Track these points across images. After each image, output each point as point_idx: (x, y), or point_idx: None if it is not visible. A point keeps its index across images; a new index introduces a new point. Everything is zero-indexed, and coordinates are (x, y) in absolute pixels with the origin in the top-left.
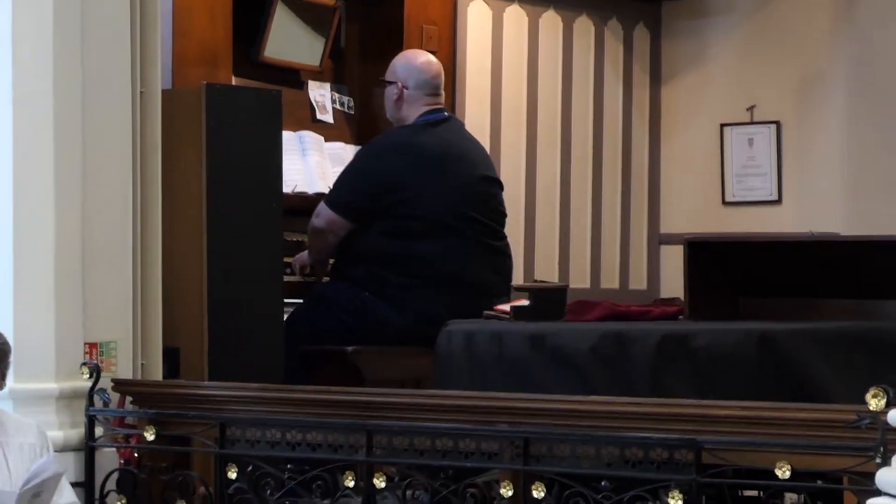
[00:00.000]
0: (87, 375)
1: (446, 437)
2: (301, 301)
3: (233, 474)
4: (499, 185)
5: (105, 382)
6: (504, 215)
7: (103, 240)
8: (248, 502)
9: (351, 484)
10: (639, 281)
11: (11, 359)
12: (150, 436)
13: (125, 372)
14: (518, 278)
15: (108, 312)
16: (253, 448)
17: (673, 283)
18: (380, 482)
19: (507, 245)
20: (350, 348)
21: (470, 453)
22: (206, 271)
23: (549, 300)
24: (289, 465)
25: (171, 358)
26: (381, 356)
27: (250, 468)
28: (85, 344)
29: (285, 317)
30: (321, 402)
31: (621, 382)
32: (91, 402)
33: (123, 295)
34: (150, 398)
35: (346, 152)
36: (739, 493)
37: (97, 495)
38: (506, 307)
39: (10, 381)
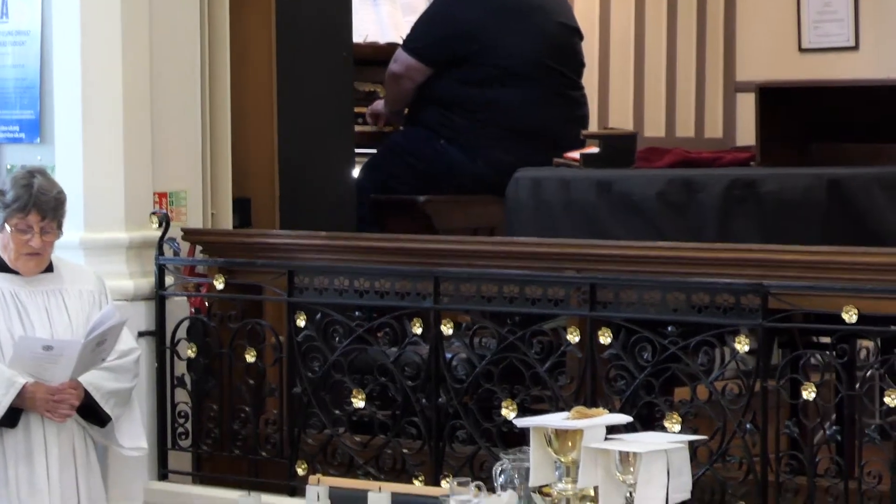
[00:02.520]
0: (157, 225)
1: (513, 284)
2: (374, 150)
3: (301, 322)
4: (578, 35)
5: (175, 232)
6: (582, 65)
7: (172, 89)
8: (317, 350)
9: (419, 331)
10: (714, 129)
11: (66, 208)
12: (219, 284)
13: (195, 222)
14: (593, 128)
15: (177, 162)
16: (321, 296)
17: (749, 132)
18: (447, 329)
19: (583, 95)
20: (422, 197)
21: (537, 300)
22: (277, 121)
23: (619, 147)
24: (357, 313)
25: (242, 208)
26: (453, 205)
27: (319, 316)
28: (154, 194)
29: (357, 166)
30: (389, 249)
31: (688, 228)
32: (161, 252)
33: (193, 144)
34: (219, 247)
35: (417, 1)
36: (815, 339)
37: (168, 344)
38: (575, 154)
39: (79, 231)
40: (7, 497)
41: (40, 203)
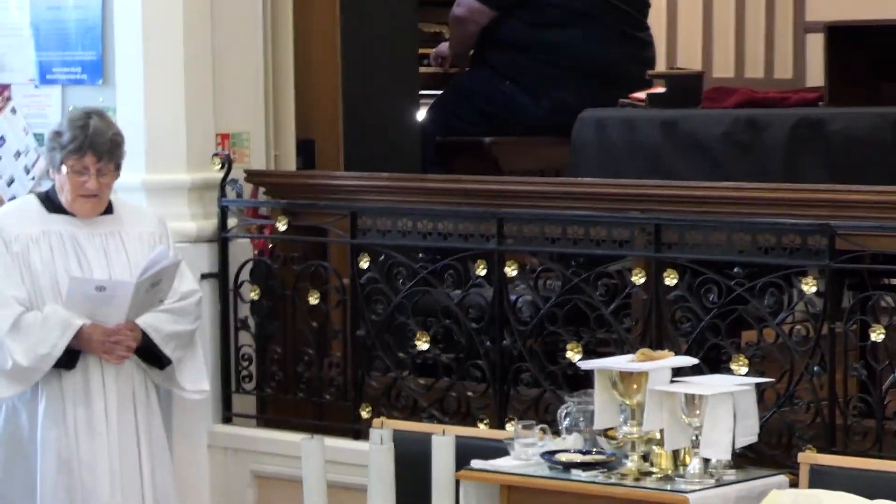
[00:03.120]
0: (219, 166)
1: (577, 225)
2: (439, 92)
3: (365, 264)
4: None
5: (238, 174)
6: (647, 4)
7: (233, 29)
8: (381, 292)
9: (483, 273)
10: (784, 70)
11: (125, 149)
12: (282, 226)
13: (258, 163)
14: (660, 68)
15: (239, 103)
16: (384, 238)
17: (818, 73)
18: (511, 271)
19: (649, 35)
20: (487, 139)
21: (601, 241)
22: (341, 62)
23: (685, 87)
24: (420, 255)
25: (306, 150)
26: (518, 146)
27: (382, 257)
28: (217, 135)
29: (423, 108)
30: (452, 191)
31: (754, 168)
32: (223, 193)
33: (255, 85)
34: (282, 189)
35: None
36: (884, 281)
37: (231, 286)
38: (641, 95)
39: (141, 172)
40: (66, 438)
41: (96, 144)
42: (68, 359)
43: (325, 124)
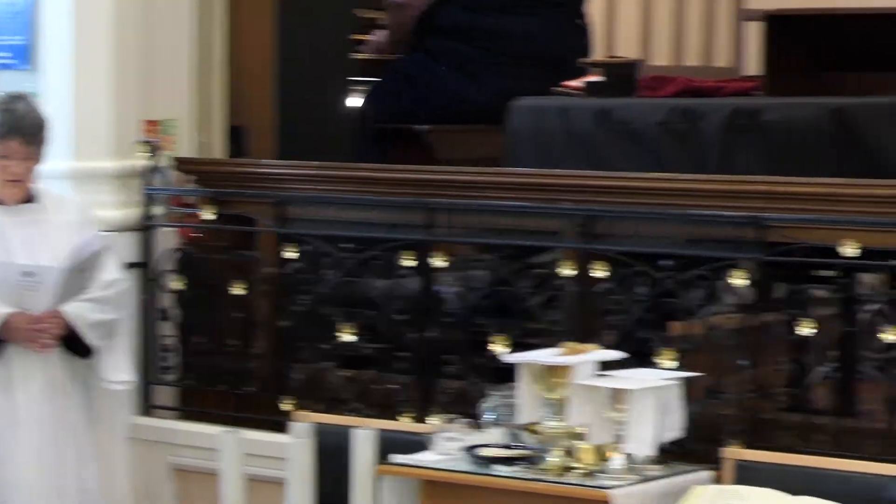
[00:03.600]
0: (145, 154)
1: (508, 216)
2: (377, 79)
3: (291, 254)
4: None
5: (165, 161)
6: None
7: (165, 15)
8: (307, 282)
9: (410, 263)
10: (722, 58)
11: (49, 134)
12: (209, 215)
13: (187, 150)
14: (600, 56)
15: (168, 89)
16: (312, 227)
17: (758, 62)
18: (440, 262)
19: (586, 25)
20: (424, 127)
21: (531, 232)
22: (275, 48)
23: (621, 75)
24: (348, 245)
25: (237, 137)
26: (456, 134)
27: (310, 248)
28: (145, 122)
29: (359, 95)
30: (382, 180)
31: (690, 158)
32: (149, 181)
33: (185, 72)
34: (210, 177)
35: None
36: (816, 274)
37: (154, 275)
38: (577, 83)
39: (67, 160)
40: None
41: (22, 128)
42: None
43: (257, 111)
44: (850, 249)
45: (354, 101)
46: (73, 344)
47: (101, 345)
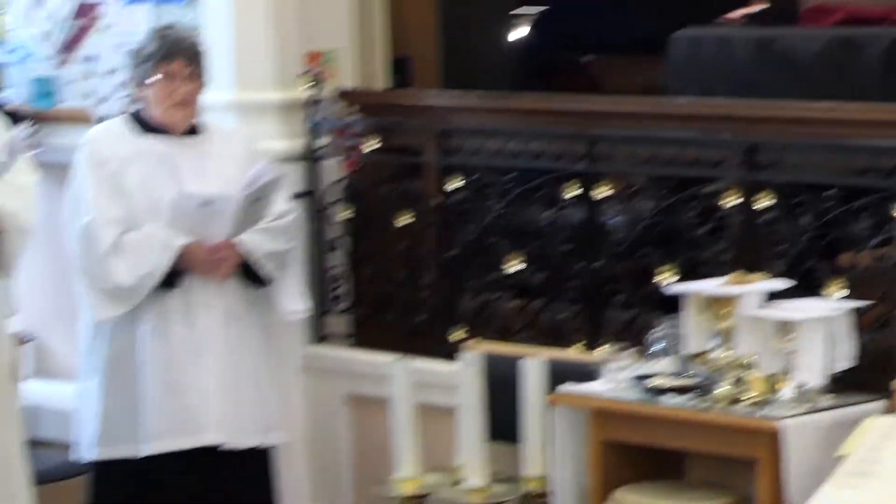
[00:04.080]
0: (309, 85)
1: (671, 146)
2: (542, 8)
3: (455, 184)
4: None
5: (329, 92)
6: None
7: None
8: (471, 212)
9: (574, 194)
10: None
11: (207, 60)
12: (373, 146)
13: (350, 81)
14: None
15: (330, 20)
16: (474, 158)
17: None
18: (603, 192)
19: None
20: (587, 57)
21: (693, 162)
22: None
23: (784, 4)
24: (511, 174)
25: (402, 68)
26: (619, 65)
27: (473, 177)
28: (307, 53)
29: (524, 24)
30: (544, 110)
31: (850, 88)
32: (313, 112)
33: (345, 2)
34: (374, 108)
35: None
36: None
37: (321, 206)
38: (739, 13)
39: (230, 92)
40: (169, 357)
41: (183, 49)
42: (170, 278)
43: (421, 42)
44: None
45: (519, 31)
46: (249, 273)
47: (276, 275)
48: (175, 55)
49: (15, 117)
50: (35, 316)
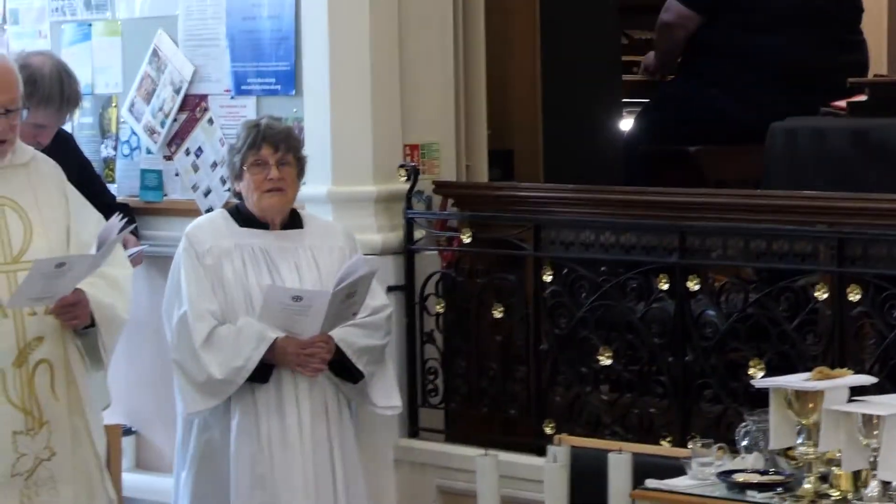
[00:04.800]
0: (405, 178)
1: (760, 239)
2: (644, 100)
3: (548, 277)
4: None
5: (427, 185)
6: (860, 10)
7: (422, 37)
8: (564, 305)
9: (665, 287)
10: None
11: (300, 145)
12: (466, 238)
13: (449, 174)
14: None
15: (429, 113)
16: (567, 250)
17: None
18: (694, 285)
19: (862, 41)
20: (693, 148)
21: (784, 255)
22: (540, 71)
23: (885, 95)
24: (602, 268)
25: (504, 160)
26: (724, 155)
27: (565, 271)
28: (405, 146)
29: (628, 117)
30: (637, 202)
31: None
32: (409, 205)
33: (445, 96)
34: (469, 200)
35: None
36: None
37: (417, 298)
38: (842, 103)
39: (327, 184)
40: (259, 452)
41: (270, 135)
42: (262, 372)
43: (524, 134)
44: None
45: (625, 123)
46: (342, 369)
47: (370, 370)
48: (263, 142)
49: (124, 210)
50: (136, 408)
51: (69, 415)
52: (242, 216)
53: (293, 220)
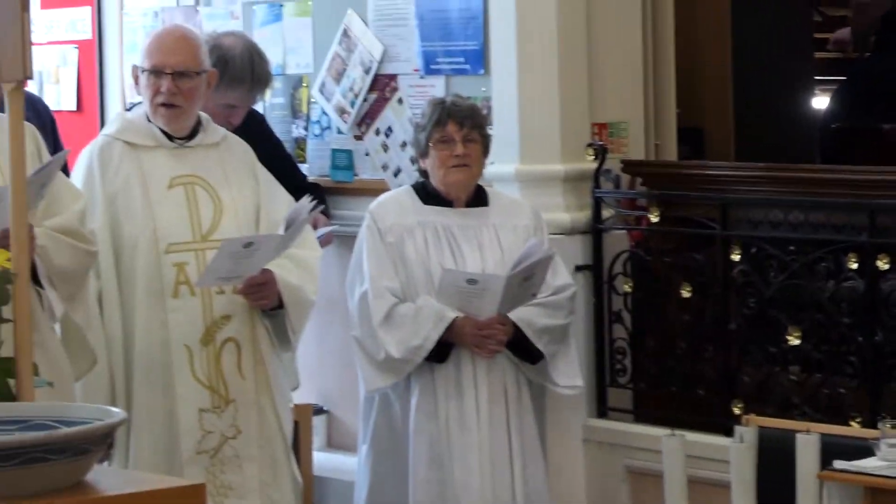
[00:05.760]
0: (593, 157)
1: None
2: (837, 78)
3: (736, 256)
4: None
5: (615, 163)
6: None
7: (611, 15)
8: (752, 285)
9: (854, 266)
10: None
11: (484, 122)
12: (654, 217)
13: (637, 153)
14: None
15: (617, 92)
16: (755, 229)
17: None
18: (884, 264)
19: None
20: (887, 125)
21: None
22: (731, 47)
23: None
24: (791, 247)
25: (694, 139)
26: None
27: (754, 250)
28: (593, 125)
29: (820, 95)
30: (827, 181)
31: None
32: (597, 184)
33: (634, 74)
34: (658, 179)
35: None
36: None
37: (605, 278)
38: None
39: (514, 163)
40: (438, 432)
41: (455, 112)
42: (440, 352)
43: (713, 112)
44: None
45: (817, 101)
46: (522, 349)
47: (551, 350)
48: (449, 118)
49: (314, 191)
50: (327, 388)
51: (256, 393)
52: (427, 193)
53: (478, 198)
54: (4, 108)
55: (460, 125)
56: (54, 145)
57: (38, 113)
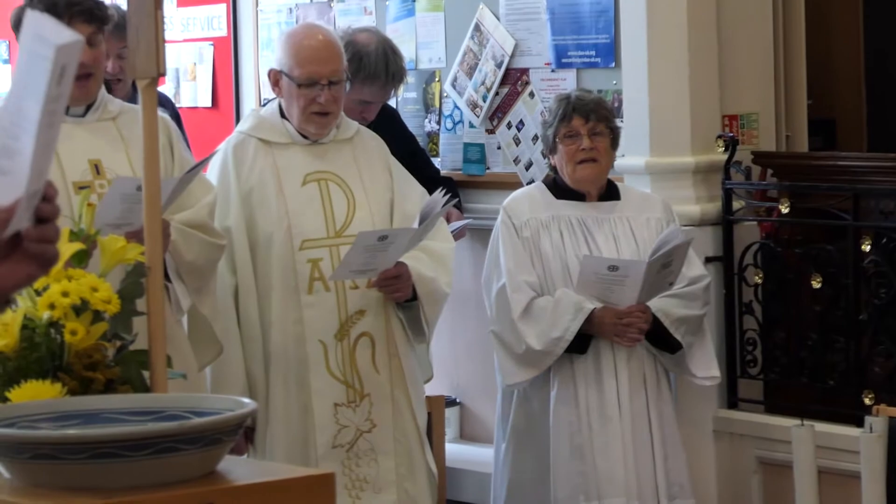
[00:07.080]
0: (723, 148)
1: None
2: None
3: (867, 247)
4: None
5: (746, 155)
6: None
7: (741, 7)
8: (884, 275)
9: None
10: None
11: (612, 116)
12: (785, 208)
13: (768, 144)
14: None
15: (748, 84)
16: (887, 220)
17: None
18: None
19: None
20: None
21: None
22: (863, 38)
23: None
24: None
25: (826, 130)
26: None
27: (885, 240)
28: (724, 117)
29: None
30: None
31: None
32: (728, 176)
33: (765, 66)
34: (788, 170)
35: None
36: None
37: (735, 269)
38: None
39: (644, 156)
40: (578, 422)
41: (580, 106)
42: (580, 343)
43: (846, 103)
44: None
45: None
46: (659, 339)
47: (687, 340)
48: (574, 113)
49: (447, 184)
50: (460, 380)
51: (390, 388)
52: (559, 188)
53: (610, 192)
54: (138, 100)
55: (586, 119)
56: None
57: (161, 107)
